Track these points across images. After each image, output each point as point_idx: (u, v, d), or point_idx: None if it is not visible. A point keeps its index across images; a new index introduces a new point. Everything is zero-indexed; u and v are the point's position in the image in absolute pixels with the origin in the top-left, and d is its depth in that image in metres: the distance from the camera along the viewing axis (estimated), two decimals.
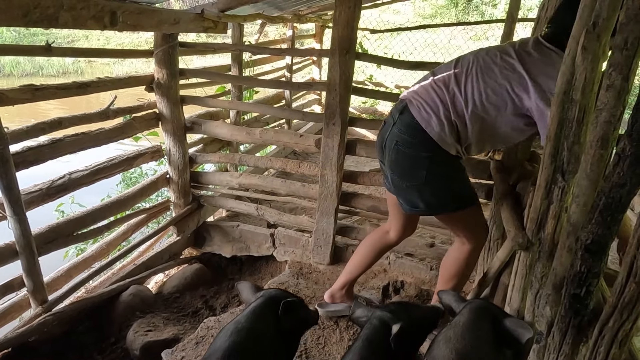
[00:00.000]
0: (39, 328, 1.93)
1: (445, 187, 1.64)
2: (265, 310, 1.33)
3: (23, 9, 1.61)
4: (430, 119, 1.55)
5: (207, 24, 2.64)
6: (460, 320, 1.21)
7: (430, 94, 1.57)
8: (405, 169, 1.63)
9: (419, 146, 1.57)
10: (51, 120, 2.02)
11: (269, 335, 1.29)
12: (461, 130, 1.54)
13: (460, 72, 1.55)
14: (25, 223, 1.86)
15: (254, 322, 1.29)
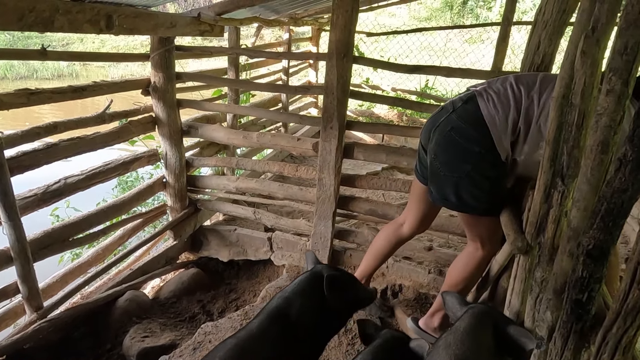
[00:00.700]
0: (34, 335, 1.91)
1: (484, 188, 1.60)
2: (310, 285, 1.36)
3: (18, 13, 1.59)
4: (496, 116, 1.50)
5: (203, 27, 2.63)
6: (460, 325, 1.20)
7: (506, 92, 1.53)
8: (450, 158, 1.58)
9: (474, 139, 1.53)
10: (46, 125, 2.00)
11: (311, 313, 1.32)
12: (521, 139, 1.50)
13: (545, 82, 1.52)
14: (20, 229, 1.84)
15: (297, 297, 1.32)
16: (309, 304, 1.34)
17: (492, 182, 1.60)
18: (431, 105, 2.28)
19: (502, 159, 1.54)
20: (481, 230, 1.75)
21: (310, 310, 1.34)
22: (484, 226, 1.73)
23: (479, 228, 1.75)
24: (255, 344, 1.23)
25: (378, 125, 2.81)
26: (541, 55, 1.77)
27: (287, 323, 1.29)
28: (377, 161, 2.36)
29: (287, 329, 1.29)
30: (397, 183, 2.35)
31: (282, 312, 1.31)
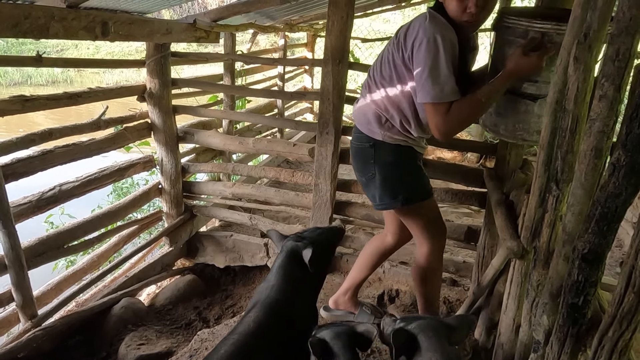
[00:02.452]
0: (29, 343, 1.89)
1: (390, 179, 1.64)
2: (291, 267, 1.51)
3: (13, 20, 1.60)
4: (357, 110, 1.67)
5: (199, 33, 2.64)
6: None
7: (365, 83, 1.68)
8: (359, 163, 1.71)
9: (362, 138, 1.64)
10: (41, 131, 2.00)
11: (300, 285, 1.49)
12: (394, 118, 1.57)
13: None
14: (15, 236, 1.82)
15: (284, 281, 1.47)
16: (297, 285, 1.49)
17: (395, 170, 1.64)
18: None
19: (391, 142, 1.60)
20: (414, 223, 1.76)
21: (300, 292, 1.50)
22: (413, 219, 1.74)
23: (410, 222, 1.76)
24: (255, 339, 1.30)
25: None
26: None
27: (282, 314, 1.40)
28: None
29: (283, 319, 1.39)
30: None
31: (274, 303, 1.41)
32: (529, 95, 1.49)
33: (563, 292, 0.98)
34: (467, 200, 2.23)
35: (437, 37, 1.40)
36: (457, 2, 1.41)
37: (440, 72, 1.41)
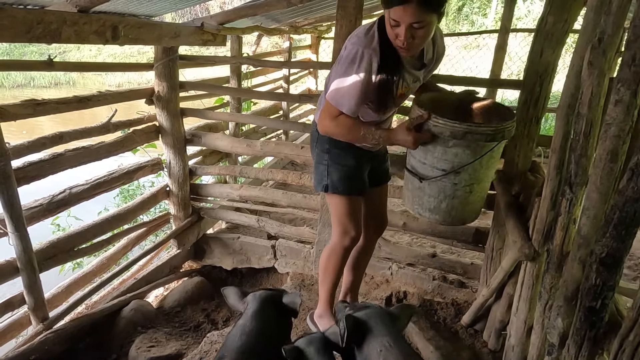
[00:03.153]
0: (40, 346, 1.90)
1: (321, 164, 1.75)
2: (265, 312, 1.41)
3: (27, 25, 1.61)
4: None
5: (206, 36, 2.65)
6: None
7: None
8: (311, 145, 1.82)
9: (314, 122, 1.75)
10: (52, 135, 2.01)
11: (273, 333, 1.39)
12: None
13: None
14: (27, 239, 1.84)
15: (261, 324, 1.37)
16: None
17: (327, 155, 1.72)
18: None
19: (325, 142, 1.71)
20: (332, 213, 1.85)
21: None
22: (333, 208, 1.83)
23: (331, 211, 1.85)
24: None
25: None
26: (544, 64, 1.80)
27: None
28: None
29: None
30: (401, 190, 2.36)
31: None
32: (418, 174, 1.60)
33: (580, 296, 0.99)
34: None
35: (360, 54, 1.46)
36: (390, 28, 1.43)
37: (346, 84, 1.48)
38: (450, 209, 1.60)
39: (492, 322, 2.06)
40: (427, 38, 1.45)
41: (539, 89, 1.84)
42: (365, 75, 1.47)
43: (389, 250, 2.54)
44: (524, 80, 1.87)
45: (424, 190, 1.61)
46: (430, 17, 1.37)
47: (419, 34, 1.40)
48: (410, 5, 1.33)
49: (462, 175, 1.52)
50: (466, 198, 1.57)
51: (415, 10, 1.34)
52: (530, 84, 1.84)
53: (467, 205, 1.60)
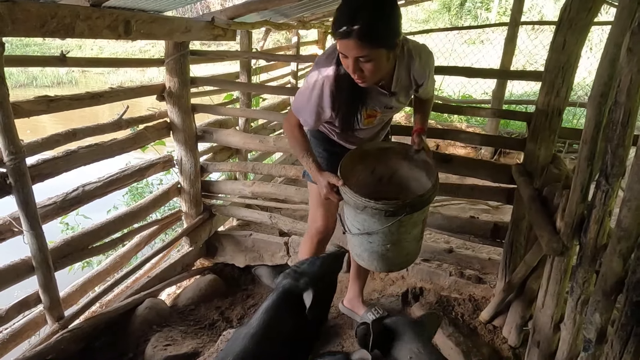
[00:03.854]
0: (57, 345, 1.88)
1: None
2: (282, 306, 1.36)
3: (41, 19, 1.58)
4: None
5: (217, 31, 2.62)
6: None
7: None
8: None
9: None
10: (66, 132, 1.98)
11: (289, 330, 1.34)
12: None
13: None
14: (42, 237, 1.81)
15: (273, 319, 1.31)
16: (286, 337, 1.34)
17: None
18: (452, 107, 2.26)
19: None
20: (309, 199, 1.97)
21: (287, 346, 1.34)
22: (309, 195, 1.93)
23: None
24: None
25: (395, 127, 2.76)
26: (567, 54, 1.76)
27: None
28: None
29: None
30: None
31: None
32: (342, 225, 1.66)
33: (626, 290, 0.96)
34: (493, 196, 2.20)
35: (315, 80, 1.50)
36: (344, 59, 1.39)
37: (304, 102, 1.55)
38: (372, 260, 1.61)
39: (512, 318, 2.03)
40: (380, 71, 1.40)
41: (561, 80, 1.81)
42: (318, 101, 1.51)
43: None
44: (545, 71, 1.84)
45: (350, 238, 1.65)
46: (375, 52, 1.32)
47: (367, 67, 1.35)
48: (351, 41, 1.28)
49: (374, 237, 1.52)
50: (385, 254, 1.56)
51: (356, 45, 1.29)
52: (552, 75, 1.81)
53: (389, 259, 1.60)
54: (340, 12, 1.29)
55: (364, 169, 1.73)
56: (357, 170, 1.71)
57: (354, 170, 1.68)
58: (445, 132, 2.39)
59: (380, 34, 1.30)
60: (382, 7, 1.28)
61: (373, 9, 1.27)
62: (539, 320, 1.68)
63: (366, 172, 1.74)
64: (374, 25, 1.27)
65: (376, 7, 1.27)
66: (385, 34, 1.31)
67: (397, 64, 1.51)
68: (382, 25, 1.29)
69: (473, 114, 2.46)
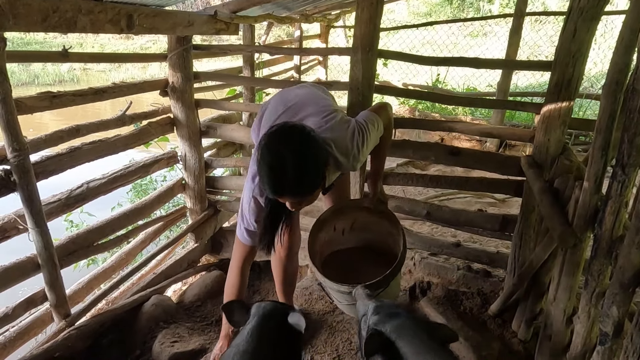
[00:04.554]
0: (64, 343, 1.87)
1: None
2: (265, 331, 1.26)
3: (42, 14, 1.56)
4: None
5: (219, 25, 2.59)
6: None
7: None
8: None
9: None
10: (69, 128, 1.97)
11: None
12: None
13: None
14: (47, 235, 1.80)
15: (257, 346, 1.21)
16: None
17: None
18: (461, 98, 2.22)
19: None
20: None
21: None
22: None
23: None
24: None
25: (401, 120, 2.74)
26: (578, 43, 1.72)
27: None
28: (403, 156, 2.31)
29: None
30: (425, 178, 2.30)
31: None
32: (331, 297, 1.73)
33: None
34: (502, 189, 2.17)
35: (249, 186, 1.50)
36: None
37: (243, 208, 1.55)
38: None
39: (522, 312, 2.01)
40: (317, 198, 1.40)
41: (572, 69, 1.77)
42: (253, 203, 1.50)
43: (412, 240, 2.49)
44: (555, 61, 1.80)
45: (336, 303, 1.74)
46: (309, 197, 1.31)
47: (305, 202, 1.36)
48: (284, 198, 1.28)
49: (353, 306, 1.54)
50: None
51: (291, 200, 1.30)
52: (562, 65, 1.77)
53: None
54: (268, 182, 1.23)
55: (326, 231, 1.83)
56: (320, 237, 1.81)
57: (317, 238, 1.79)
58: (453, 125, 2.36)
59: (309, 187, 1.28)
60: (302, 165, 1.22)
61: (294, 174, 1.20)
62: (550, 313, 1.66)
63: (329, 232, 1.85)
64: (301, 186, 1.25)
65: (297, 168, 1.20)
66: (313, 184, 1.29)
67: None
68: (309, 180, 1.26)
69: (483, 106, 2.42)
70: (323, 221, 1.81)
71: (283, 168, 1.20)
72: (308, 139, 1.27)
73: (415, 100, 5.43)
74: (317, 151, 1.28)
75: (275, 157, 1.21)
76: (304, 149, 1.24)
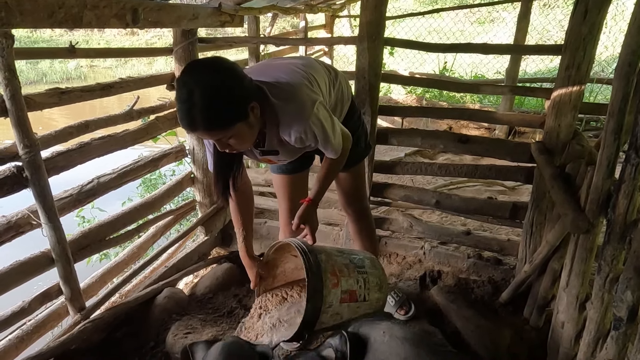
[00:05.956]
0: (80, 336, 1.90)
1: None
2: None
3: (48, 10, 1.56)
4: None
5: (224, 18, 2.58)
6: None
7: None
8: None
9: None
10: (78, 124, 1.98)
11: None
12: None
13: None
14: (61, 230, 1.82)
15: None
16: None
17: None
18: (469, 85, 2.19)
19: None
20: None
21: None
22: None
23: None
24: None
25: (411, 108, 2.70)
26: (588, 25, 1.69)
27: None
28: (411, 145, 2.30)
29: None
30: (433, 167, 2.29)
31: None
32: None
33: None
34: (512, 176, 2.15)
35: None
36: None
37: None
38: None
39: (534, 299, 2.00)
40: (248, 139, 1.33)
41: (583, 52, 1.74)
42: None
43: (421, 230, 2.48)
44: (566, 44, 1.77)
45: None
46: (230, 130, 1.24)
47: (231, 142, 1.29)
48: (202, 132, 1.23)
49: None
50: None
51: (209, 134, 1.24)
52: (573, 48, 1.74)
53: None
54: (180, 117, 1.20)
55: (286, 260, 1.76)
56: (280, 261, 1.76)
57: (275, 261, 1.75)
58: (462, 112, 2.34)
59: (223, 117, 1.21)
60: (209, 95, 1.16)
61: (202, 102, 1.15)
62: (563, 300, 1.65)
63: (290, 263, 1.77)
64: (211, 114, 1.18)
65: (204, 96, 1.16)
66: (229, 114, 1.22)
67: (267, 124, 1.41)
68: (218, 112, 1.20)
69: (492, 92, 2.39)
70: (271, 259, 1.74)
71: (191, 100, 1.15)
72: (221, 70, 1.22)
73: (422, 89, 5.38)
74: (234, 82, 1.22)
75: (184, 89, 1.17)
76: (214, 80, 1.19)
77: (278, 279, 1.80)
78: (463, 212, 2.33)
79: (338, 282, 1.42)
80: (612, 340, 1.17)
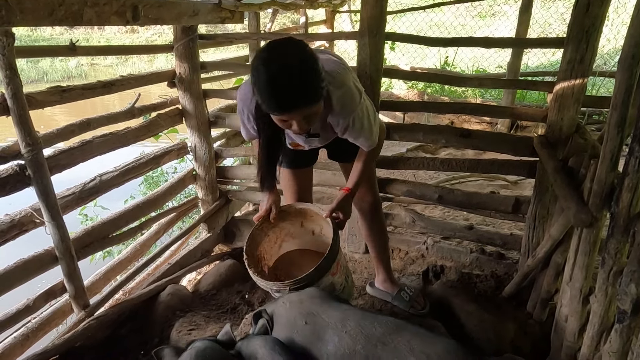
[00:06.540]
0: (84, 333, 1.91)
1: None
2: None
3: (49, 8, 1.56)
4: None
5: (224, 14, 2.57)
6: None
7: None
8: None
9: None
10: (80, 122, 1.98)
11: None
12: None
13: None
14: (64, 228, 1.83)
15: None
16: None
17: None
18: (471, 79, 2.18)
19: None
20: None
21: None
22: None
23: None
24: None
25: (413, 103, 2.70)
26: (591, 17, 1.68)
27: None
28: (413, 140, 2.29)
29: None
30: (435, 162, 2.28)
31: None
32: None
33: None
34: (514, 170, 2.15)
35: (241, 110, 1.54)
36: (281, 123, 1.32)
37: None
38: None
39: (537, 293, 2.00)
40: (315, 119, 1.35)
41: (585, 45, 1.73)
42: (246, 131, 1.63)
43: (424, 225, 2.48)
44: (568, 37, 1.76)
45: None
46: (313, 107, 1.25)
47: (313, 119, 1.31)
48: (292, 113, 1.23)
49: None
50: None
51: (303, 111, 1.24)
52: (576, 41, 1.73)
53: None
54: (273, 95, 1.18)
55: (291, 224, 1.86)
56: (284, 227, 1.86)
57: (279, 227, 1.84)
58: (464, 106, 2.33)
59: (317, 91, 1.23)
60: (306, 68, 1.19)
61: (300, 76, 1.17)
62: (566, 293, 1.65)
63: (295, 226, 1.87)
64: (309, 88, 1.20)
65: (302, 71, 1.17)
66: (321, 90, 1.24)
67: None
68: (316, 83, 1.22)
69: (494, 86, 2.38)
70: (284, 214, 1.82)
71: (286, 75, 1.15)
72: (305, 47, 1.23)
73: (423, 84, 5.36)
74: (317, 59, 1.23)
75: (273, 66, 1.15)
76: (304, 56, 1.20)
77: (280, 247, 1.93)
78: (465, 206, 2.33)
79: (335, 274, 1.64)
80: (616, 333, 1.17)
